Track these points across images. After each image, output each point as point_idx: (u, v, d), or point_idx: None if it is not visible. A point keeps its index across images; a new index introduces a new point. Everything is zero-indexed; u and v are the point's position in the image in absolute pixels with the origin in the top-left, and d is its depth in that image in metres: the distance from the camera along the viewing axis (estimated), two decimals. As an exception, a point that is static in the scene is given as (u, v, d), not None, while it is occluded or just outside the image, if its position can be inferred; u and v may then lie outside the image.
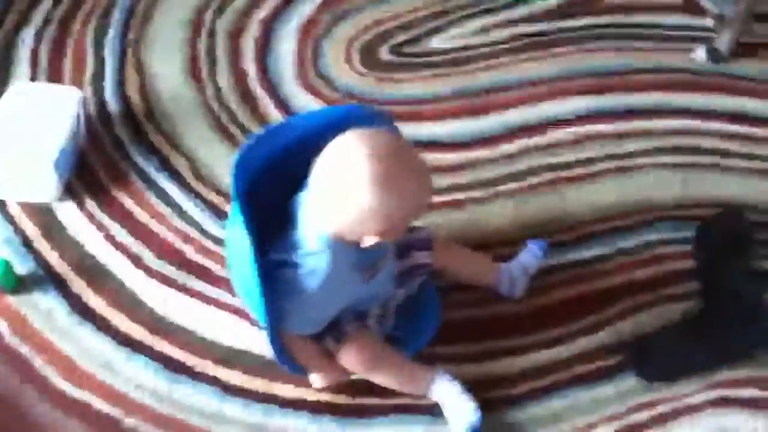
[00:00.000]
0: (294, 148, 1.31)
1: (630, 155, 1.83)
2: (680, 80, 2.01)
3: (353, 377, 1.41)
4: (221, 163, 1.74)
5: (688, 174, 1.80)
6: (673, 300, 1.58)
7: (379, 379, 1.39)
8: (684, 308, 1.54)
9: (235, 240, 1.30)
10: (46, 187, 1.63)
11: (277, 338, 1.31)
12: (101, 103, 1.84)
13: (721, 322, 1.49)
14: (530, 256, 1.56)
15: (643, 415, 1.42)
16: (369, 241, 1.24)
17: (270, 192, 1.32)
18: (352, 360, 1.37)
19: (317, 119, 1.37)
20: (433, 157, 1.78)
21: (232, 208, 1.32)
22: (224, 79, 1.92)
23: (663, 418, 1.42)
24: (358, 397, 1.42)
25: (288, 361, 1.36)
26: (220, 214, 1.66)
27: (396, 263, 1.43)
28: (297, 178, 1.27)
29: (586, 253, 1.65)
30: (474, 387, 1.43)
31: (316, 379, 1.40)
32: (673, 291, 1.59)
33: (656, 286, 1.60)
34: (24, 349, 1.44)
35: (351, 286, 1.32)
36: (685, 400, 1.44)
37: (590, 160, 1.82)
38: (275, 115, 1.84)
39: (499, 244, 1.64)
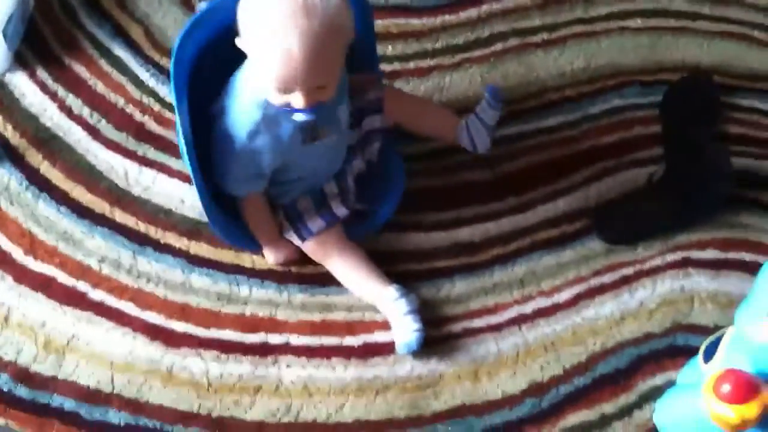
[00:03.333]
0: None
1: (597, 19, 1.80)
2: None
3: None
4: (176, 27, 1.68)
5: (655, 38, 1.78)
6: (638, 165, 1.59)
7: (337, 275, 1.40)
8: (649, 172, 1.55)
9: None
10: (-6, 56, 1.57)
11: (211, 206, 1.31)
12: (48, -33, 1.75)
13: (684, 185, 1.49)
14: (486, 107, 1.47)
15: (606, 278, 1.45)
16: (274, 97, 1.22)
17: (221, 67, 1.28)
18: (314, 254, 1.39)
19: None
20: (398, 23, 1.73)
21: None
22: (178, -61, 1.83)
23: (626, 280, 1.45)
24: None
25: (222, 229, 1.36)
26: (178, 83, 1.61)
27: (350, 134, 1.41)
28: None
29: (553, 120, 1.63)
30: (441, 254, 1.44)
31: (269, 254, 1.40)
32: (638, 156, 1.60)
33: (622, 151, 1.60)
34: (-18, 224, 1.41)
35: (287, 143, 1.30)
36: (648, 263, 1.47)
37: (557, 25, 1.78)
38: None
39: (465, 112, 1.61)
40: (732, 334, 1.21)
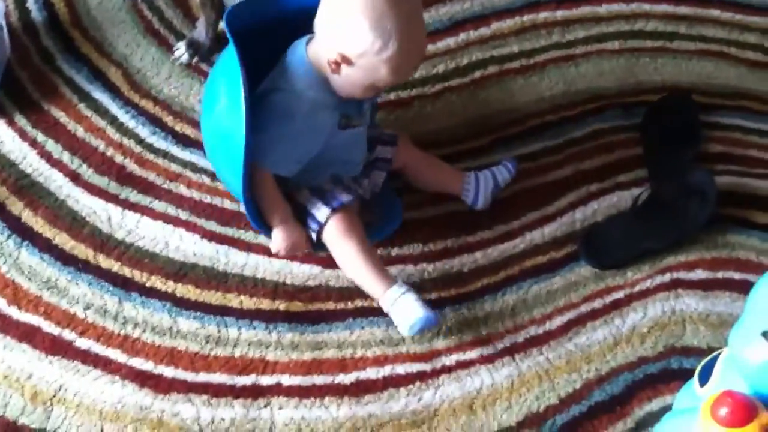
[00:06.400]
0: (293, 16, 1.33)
1: (575, 43, 1.81)
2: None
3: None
4: (155, 69, 1.67)
5: (633, 60, 1.79)
6: (622, 187, 1.59)
7: (345, 260, 1.38)
8: (633, 195, 1.55)
9: (218, 80, 1.34)
10: (-29, 104, 1.55)
11: (249, 181, 1.31)
12: (24, 13, 1.74)
13: (669, 206, 1.49)
14: (504, 171, 1.52)
15: (597, 303, 1.44)
16: (363, 90, 1.29)
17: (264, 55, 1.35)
18: (336, 229, 1.37)
19: None
20: (376, 54, 1.73)
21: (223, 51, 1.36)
22: (153, -20, 1.82)
23: (616, 305, 1.44)
24: (314, 302, 1.41)
25: (254, 211, 1.36)
26: (156, 123, 1.60)
27: (370, 130, 1.46)
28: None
29: (535, 146, 1.63)
30: (430, 285, 1.44)
31: (276, 240, 1.37)
32: (622, 179, 1.60)
33: (605, 174, 1.60)
34: (-36, 276, 1.39)
35: (329, 126, 1.34)
36: (637, 286, 1.46)
37: (534, 51, 1.78)
38: (209, 17, 1.76)
39: (448, 142, 1.62)
40: (726, 356, 1.20)
